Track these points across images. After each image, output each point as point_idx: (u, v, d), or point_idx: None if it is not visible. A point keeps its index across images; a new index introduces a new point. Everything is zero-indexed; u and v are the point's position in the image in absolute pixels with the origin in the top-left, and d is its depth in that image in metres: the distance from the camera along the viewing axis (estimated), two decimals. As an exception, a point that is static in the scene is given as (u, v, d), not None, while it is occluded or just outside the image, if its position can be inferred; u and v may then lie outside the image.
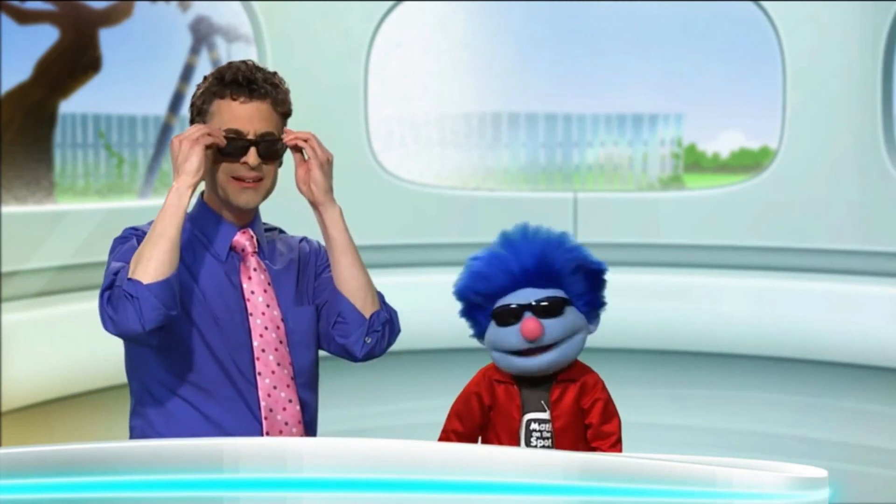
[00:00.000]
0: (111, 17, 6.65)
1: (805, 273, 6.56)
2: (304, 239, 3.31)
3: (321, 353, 3.26)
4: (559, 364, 3.01)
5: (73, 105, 6.65)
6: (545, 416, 3.00)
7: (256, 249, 3.15)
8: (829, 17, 6.50)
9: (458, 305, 3.21)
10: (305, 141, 3.10)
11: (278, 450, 2.53)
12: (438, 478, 2.50)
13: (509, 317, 3.04)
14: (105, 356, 6.31)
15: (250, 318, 3.09)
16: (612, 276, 3.11)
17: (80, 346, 6.16)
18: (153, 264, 2.92)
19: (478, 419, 3.06)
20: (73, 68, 6.59)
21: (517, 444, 3.00)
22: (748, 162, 6.93)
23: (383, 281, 3.39)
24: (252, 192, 3.10)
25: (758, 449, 6.35)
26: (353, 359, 3.17)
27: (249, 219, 3.17)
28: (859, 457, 6.39)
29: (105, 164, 6.80)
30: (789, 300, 6.55)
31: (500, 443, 3.02)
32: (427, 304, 6.82)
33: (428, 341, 6.47)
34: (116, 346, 3.14)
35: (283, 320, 3.13)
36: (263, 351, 3.08)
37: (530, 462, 2.53)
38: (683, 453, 2.68)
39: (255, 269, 3.13)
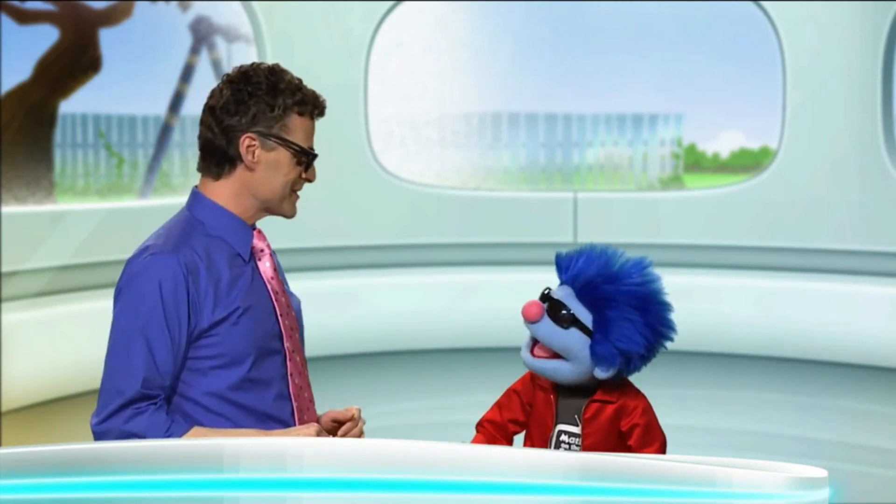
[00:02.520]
0: (111, 17, 6.65)
1: (805, 273, 6.56)
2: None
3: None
4: (548, 375, 2.98)
5: (73, 105, 6.65)
6: (576, 430, 2.99)
7: (271, 251, 3.14)
8: (829, 17, 6.51)
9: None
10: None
11: (278, 450, 2.53)
12: (438, 478, 2.50)
13: (541, 293, 3.04)
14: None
15: (280, 318, 3.08)
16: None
17: (80, 346, 6.16)
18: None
19: (517, 413, 3.06)
20: (73, 68, 6.59)
21: None
22: (748, 162, 6.93)
23: (383, 281, 3.40)
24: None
25: (758, 449, 6.36)
26: None
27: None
28: (859, 457, 6.40)
29: (105, 164, 6.81)
30: (789, 300, 6.55)
31: (534, 447, 3.01)
32: (427, 304, 6.84)
33: (428, 341, 6.48)
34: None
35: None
36: (293, 352, 3.08)
37: (530, 462, 2.53)
38: (683, 453, 2.68)
39: (274, 270, 3.12)
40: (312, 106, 3.08)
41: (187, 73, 6.77)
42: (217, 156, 3.06)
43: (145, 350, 2.93)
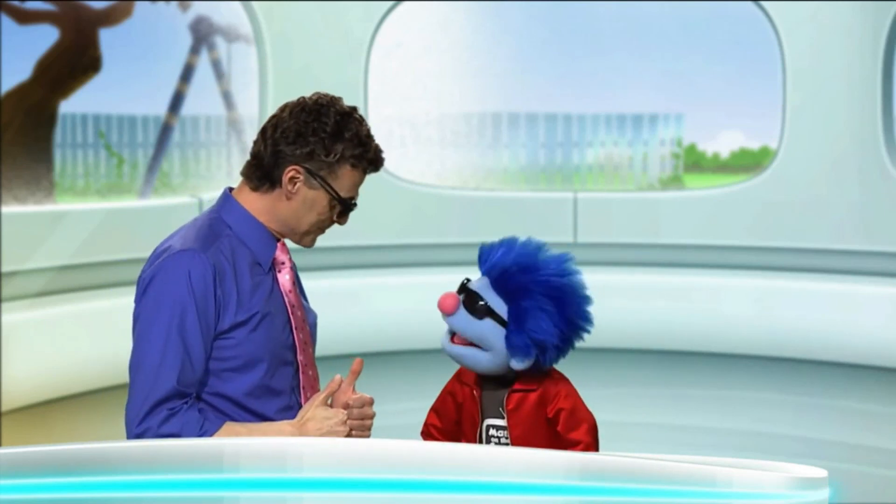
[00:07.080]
0: (111, 17, 6.65)
1: (805, 273, 6.56)
2: None
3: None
4: (465, 363, 3.00)
5: (73, 105, 6.65)
6: (503, 422, 2.99)
7: (293, 265, 3.16)
8: (829, 17, 6.51)
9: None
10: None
11: (278, 450, 2.53)
12: (438, 478, 2.50)
13: (459, 285, 3.07)
14: (105, 356, 6.31)
15: (294, 332, 3.10)
16: (612, 277, 3.09)
17: (80, 346, 6.16)
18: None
19: (453, 416, 3.07)
20: (73, 68, 6.59)
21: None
22: (748, 162, 6.93)
23: (383, 281, 3.40)
24: None
25: (758, 449, 6.35)
26: None
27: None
28: (859, 457, 6.40)
29: (105, 164, 6.81)
30: (789, 300, 6.55)
31: (467, 442, 3.02)
32: (427, 304, 6.82)
33: (428, 341, 6.46)
34: (116, 346, 3.13)
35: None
36: (305, 366, 3.10)
37: (530, 462, 2.53)
38: (683, 453, 2.68)
39: (293, 283, 3.13)
40: (369, 163, 3.12)
41: (187, 73, 6.77)
42: (261, 171, 3.08)
43: (181, 347, 2.94)
